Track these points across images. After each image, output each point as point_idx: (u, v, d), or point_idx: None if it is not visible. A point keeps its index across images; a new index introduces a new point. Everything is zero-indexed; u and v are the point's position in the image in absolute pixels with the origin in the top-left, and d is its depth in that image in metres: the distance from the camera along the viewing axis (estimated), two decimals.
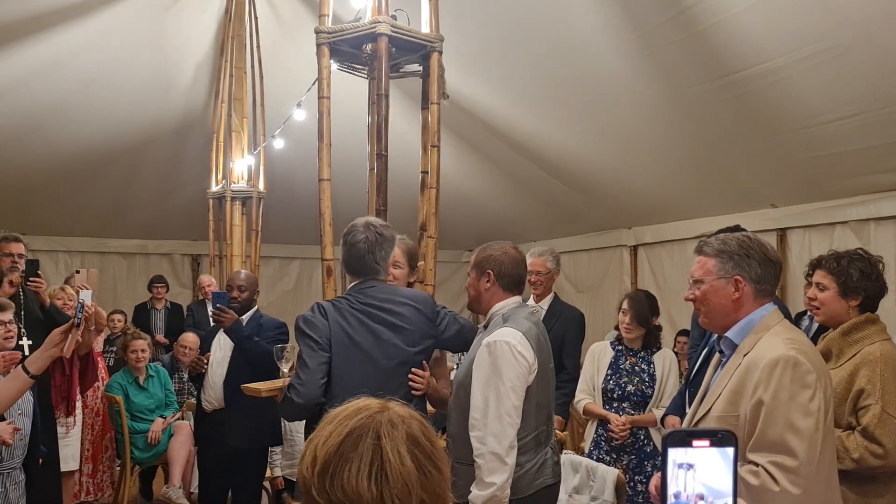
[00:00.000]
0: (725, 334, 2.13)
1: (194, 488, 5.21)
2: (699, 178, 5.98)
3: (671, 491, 0.96)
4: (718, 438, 0.96)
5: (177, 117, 7.52)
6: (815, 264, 2.91)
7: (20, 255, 4.39)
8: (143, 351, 5.45)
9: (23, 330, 4.29)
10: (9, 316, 3.43)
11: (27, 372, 2.56)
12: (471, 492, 2.52)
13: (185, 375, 5.98)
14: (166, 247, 9.50)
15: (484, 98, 6.21)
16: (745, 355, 2.03)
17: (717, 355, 2.22)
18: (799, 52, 4.14)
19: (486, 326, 2.74)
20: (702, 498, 0.96)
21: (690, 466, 0.95)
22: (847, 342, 2.71)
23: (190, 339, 5.99)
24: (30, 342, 4.27)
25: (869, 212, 5.13)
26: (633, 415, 3.85)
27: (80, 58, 6.45)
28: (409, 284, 3.22)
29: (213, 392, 4.40)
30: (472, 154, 7.32)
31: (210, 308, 7.29)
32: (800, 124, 4.71)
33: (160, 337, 7.65)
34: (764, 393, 1.92)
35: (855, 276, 2.73)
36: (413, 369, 2.80)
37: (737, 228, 3.41)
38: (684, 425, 2.20)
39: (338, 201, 3.64)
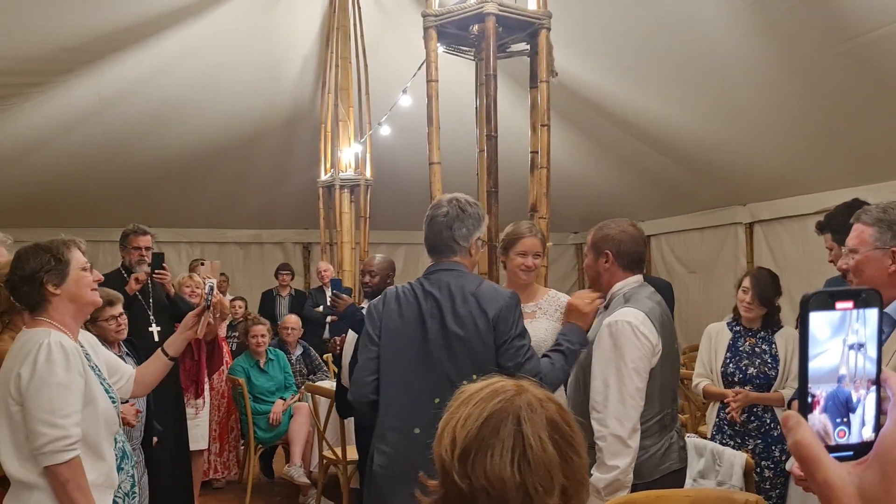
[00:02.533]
0: (886, 310, 2.00)
1: (314, 467, 5.40)
2: (819, 150, 5.67)
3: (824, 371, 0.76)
4: (862, 298, 0.77)
5: (286, 109, 7.75)
6: None
7: (147, 249, 4.64)
8: (262, 336, 5.68)
9: (152, 317, 4.56)
10: (119, 310, 3.63)
11: (166, 354, 2.71)
12: (591, 475, 2.48)
13: (294, 356, 6.17)
14: (279, 236, 9.83)
15: (587, 75, 6.09)
16: None
17: None
18: None
19: (606, 307, 2.67)
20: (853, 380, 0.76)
21: (861, 346, 0.76)
22: None
23: (292, 320, 6.26)
24: (158, 328, 4.53)
25: None
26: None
27: (195, 56, 6.74)
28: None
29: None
30: (575, 133, 7.21)
31: (328, 293, 7.59)
32: None
33: None
34: None
35: None
36: None
37: (856, 203, 3.21)
38: None
39: (445, 185, 3.66)
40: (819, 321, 0.76)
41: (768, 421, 3.69)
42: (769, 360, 3.75)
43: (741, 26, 4.69)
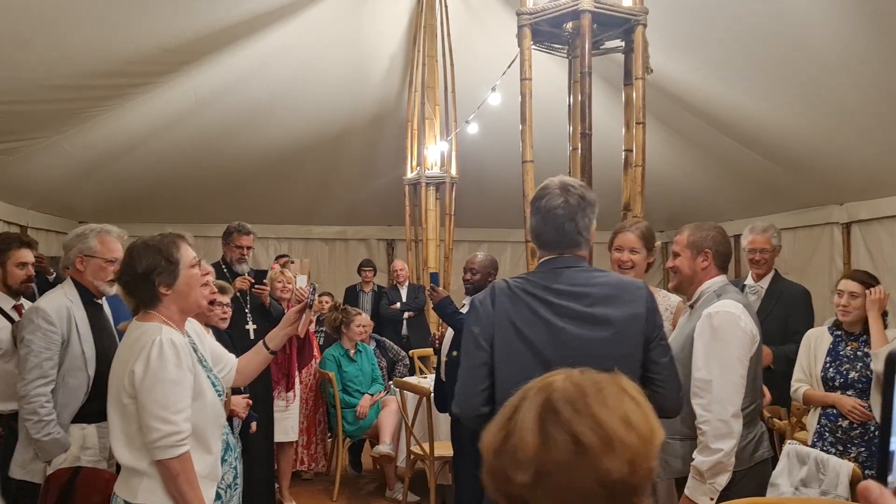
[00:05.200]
0: None
1: (401, 461, 5.47)
2: None
3: None
4: None
5: (372, 107, 7.87)
6: None
7: (249, 248, 4.82)
8: (363, 326, 5.89)
9: (249, 316, 4.74)
10: (228, 299, 3.76)
11: (267, 348, 2.80)
12: (692, 461, 2.52)
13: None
14: (364, 232, 9.99)
15: (675, 71, 5.96)
16: None
17: None
18: None
19: (692, 305, 2.77)
20: None
21: None
22: None
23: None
24: (254, 326, 4.70)
25: None
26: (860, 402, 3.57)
27: (285, 57, 6.90)
28: (648, 267, 3.11)
29: None
30: (663, 131, 7.08)
31: (402, 291, 7.70)
32: None
33: None
34: None
35: None
36: None
37: None
38: None
39: (537, 184, 3.65)
40: None
41: (872, 428, 3.55)
42: (871, 363, 3.61)
43: (845, 22, 4.51)
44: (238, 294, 4.55)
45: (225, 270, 4.63)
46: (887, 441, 0.80)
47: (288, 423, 5.23)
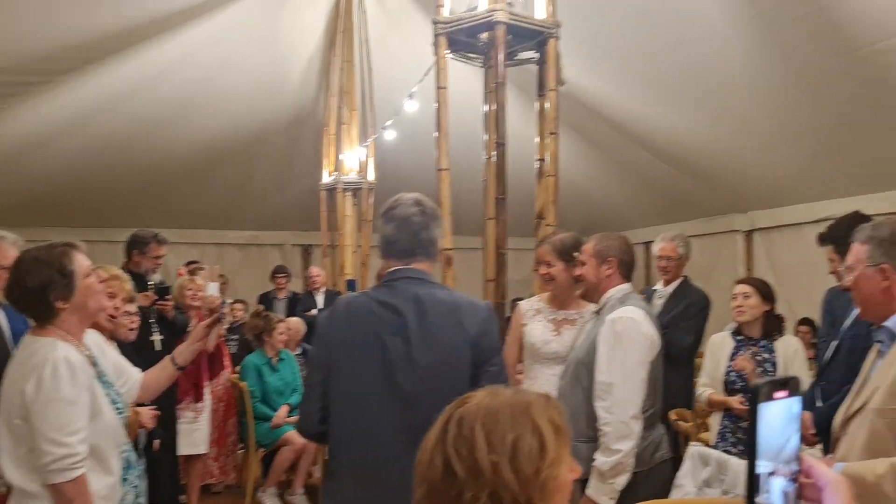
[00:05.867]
0: (884, 324, 2.04)
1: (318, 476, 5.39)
2: (821, 158, 5.71)
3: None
4: (792, 387, 0.94)
5: (289, 111, 7.75)
6: None
7: (160, 257, 4.69)
8: (286, 334, 5.81)
9: (155, 326, 4.58)
10: (133, 307, 3.63)
11: (174, 363, 2.70)
12: (593, 462, 2.60)
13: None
14: (279, 238, 9.82)
15: (592, 84, 6.12)
16: None
17: (875, 346, 2.13)
18: None
19: (598, 312, 2.86)
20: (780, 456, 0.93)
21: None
22: None
23: (293, 322, 6.26)
24: (161, 337, 4.56)
25: None
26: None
27: (200, 57, 6.74)
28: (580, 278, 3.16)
29: None
30: (578, 141, 7.24)
31: (318, 298, 7.60)
32: None
33: None
34: None
35: None
36: None
37: (856, 216, 3.26)
38: (838, 419, 2.12)
39: (452, 191, 3.68)
40: (767, 411, 0.91)
41: None
42: (769, 368, 3.77)
43: (746, 38, 4.73)
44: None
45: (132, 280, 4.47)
46: (753, 465, 0.90)
47: (197, 434, 5.07)
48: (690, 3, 4.72)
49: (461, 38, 3.60)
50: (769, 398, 0.91)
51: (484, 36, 3.56)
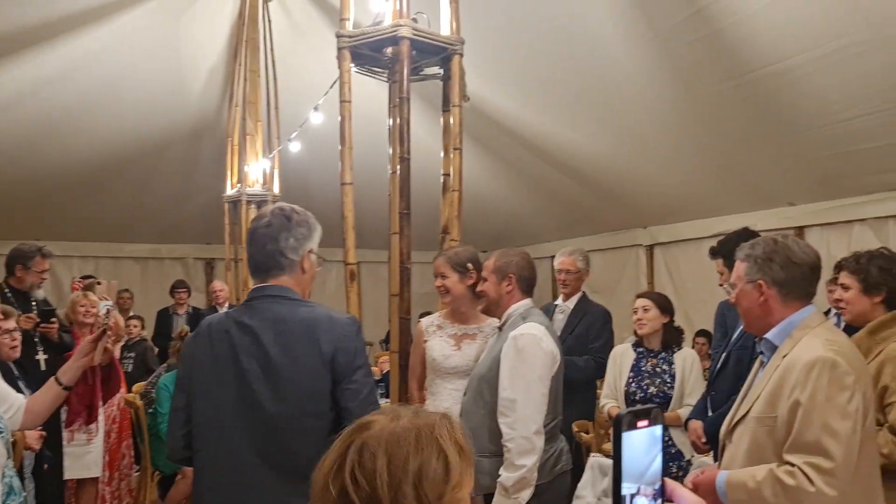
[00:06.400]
0: (765, 336, 2.13)
1: None
2: (715, 176, 5.97)
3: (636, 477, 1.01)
4: (652, 417, 1.01)
5: (191, 122, 7.54)
6: (838, 267, 2.94)
7: (45, 272, 4.45)
8: None
9: (38, 345, 4.35)
10: (13, 324, 3.45)
11: (59, 383, 2.57)
12: (498, 477, 2.64)
13: None
14: (180, 251, 9.52)
15: (498, 100, 6.21)
16: (784, 357, 2.05)
17: (759, 357, 2.22)
18: (817, 50, 4.13)
19: (501, 328, 2.92)
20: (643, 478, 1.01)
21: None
22: (874, 341, 2.71)
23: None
24: (45, 356, 4.32)
25: (888, 209, 5.12)
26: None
27: (96, 63, 6.47)
28: (474, 289, 3.12)
29: None
30: (486, 155, 7.32)
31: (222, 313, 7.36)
32: (817, 122, 4.70)
33: None
34: (801, 394, 1.93)
35: (874, 272, 2.76)
36: None
37: (745, 231, 3.43)
38: (724, 428, 2.20)
39: (355, 205, 3.64)
40: (630, 439, 0.98)
41: (666, 439, 3.82)
42: (668, 380, 3.90)
43: (644, 59, 4.89)
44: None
45: (9, 294, 4.22)
46: (619, 487, 0.97)
47: (90, 457, 4.84)
48: (591, 24, 4.85)
49: (366, 53, 3.57)
50: (632, 427, 0.99)
51: (389, 51, 3.54)
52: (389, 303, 3.56)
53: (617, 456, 0.99)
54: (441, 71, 3.73)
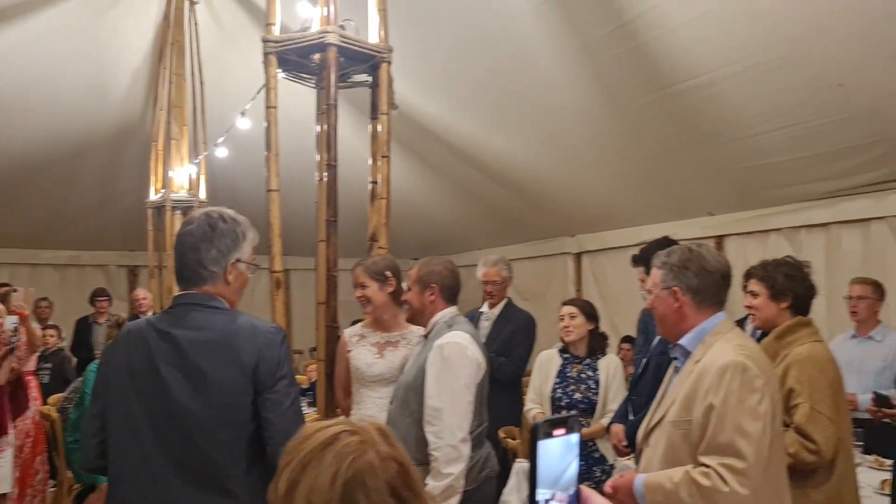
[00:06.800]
0: (679, 342, 2.20)
1: None
2: (639, 187, 6.12)
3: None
4: (569, 425, 1.04)
5: (114, 125, 7.33)
6: (748, 275, 3.04)
7: None
8: None
9: None
10: None
11: None
12: (425, 486, 2.59)
13: None
14: (102, 258, 9.23)
15: (429, 108, 6.23)
16: (697, 362, 2.10)
17: (673, 362, 2.28)
18: (734, 66, 4.29)
19: (426, 336, 2.92)
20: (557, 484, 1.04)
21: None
22: (781, 345, 2.81)
23: None
24: None
25: (800, 219, 5.34)
26: (581, 422, 3.90)
27: (13, 63, 6.24)
28: (395, 297, 3.15)
29: None
30: (416, 163, 7.34)
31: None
32: (735, 135, 4.87)
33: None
34: (714, 398, 2.00)
35: (780, 279, 2.86)
36: None
37: (665, 240, 3.54)
38: (640, 432, 2.26)
39: (286, 211, 3.60)
40: (546, 446, 1.01)
41: (590, 444, 3.91)
42: (593, 385, 3.97)
43: (572, 71, 4.99)
44: None
45: None
46: (534, 493, 1.01)
47: (1, 471, 4.62)
48: (520, 34, 4.92)
49: (293, 58, 3.53)
50: (548, 436, 1.02)
51: (316, 57, 3.52)
52: (316, 311, 3.52)
53: (533, 463, 1.01)
54: (370, 78, 3.72)
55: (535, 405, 4.06)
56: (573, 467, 1.06)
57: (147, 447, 1.95)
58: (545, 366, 4.10)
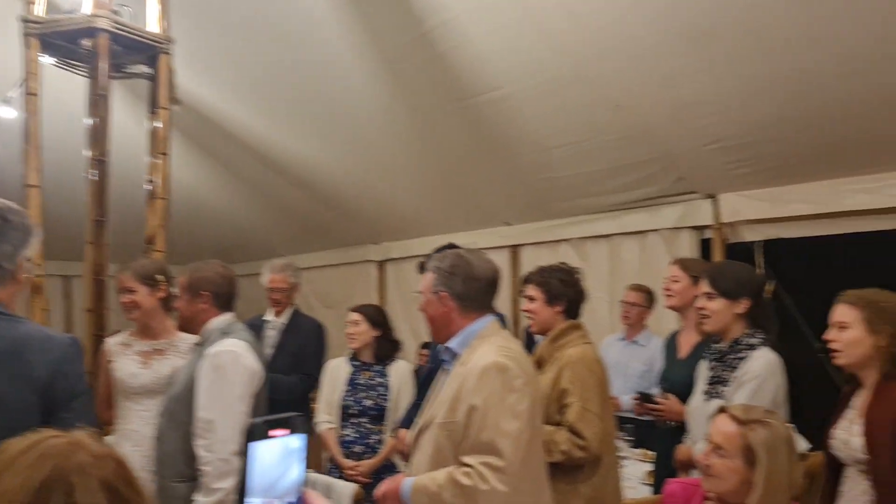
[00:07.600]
0: (447, 344, 2.23)
1: None
2: (440, 196, 6.22)
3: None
4: (293, 426, 1.00)
5: None
6: (525, 280, 3.17)
7: None
8: None
9: None
10: None
11: None
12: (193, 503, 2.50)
13: None
14: None
15: (226, 107, 5.97)
16: (463, 364, 2.14)
17: (443, 364, 2.31)
18: (528, 82, 4.44)
19: (200, 344, 2.77)
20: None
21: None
22: (554, 347, 2.95)
23: None
24: None
25: (586, 230, 5.66)
26: (370, 428, 3.89)
27: None
28: (165, 302, 2.97)
29: None
30: (211, 163, 7.01)
31: None
32: (529, 149, 5.07)
33: None
34: (476, 398, 2.04)
35: (555, 284, 3.00)
36: None
37: (451, 246, 3.62)
38: (411, 435, 2.26)
39: (53, 211, 3.29)
40: (260, 449, 0.95)
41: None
42: (383, 392, 3.96)
43: (373, 75, 4.96)
44: None
45: None
46: (242, 500, 0.95)
47: None
48: (320, 35, 4.81)
49: (60, 43, 3.24)
50: (264, 437, 0.95)
51: (88, 43, 3.25)
52: (84, 318, 3.25)
53: (244, 467, 0.95)
54: (150, 70, 3.50)
55: (325, 420, 3.97)
56: (295, 472, 1.00)
57: None
58: (334, 373, 4.04)
